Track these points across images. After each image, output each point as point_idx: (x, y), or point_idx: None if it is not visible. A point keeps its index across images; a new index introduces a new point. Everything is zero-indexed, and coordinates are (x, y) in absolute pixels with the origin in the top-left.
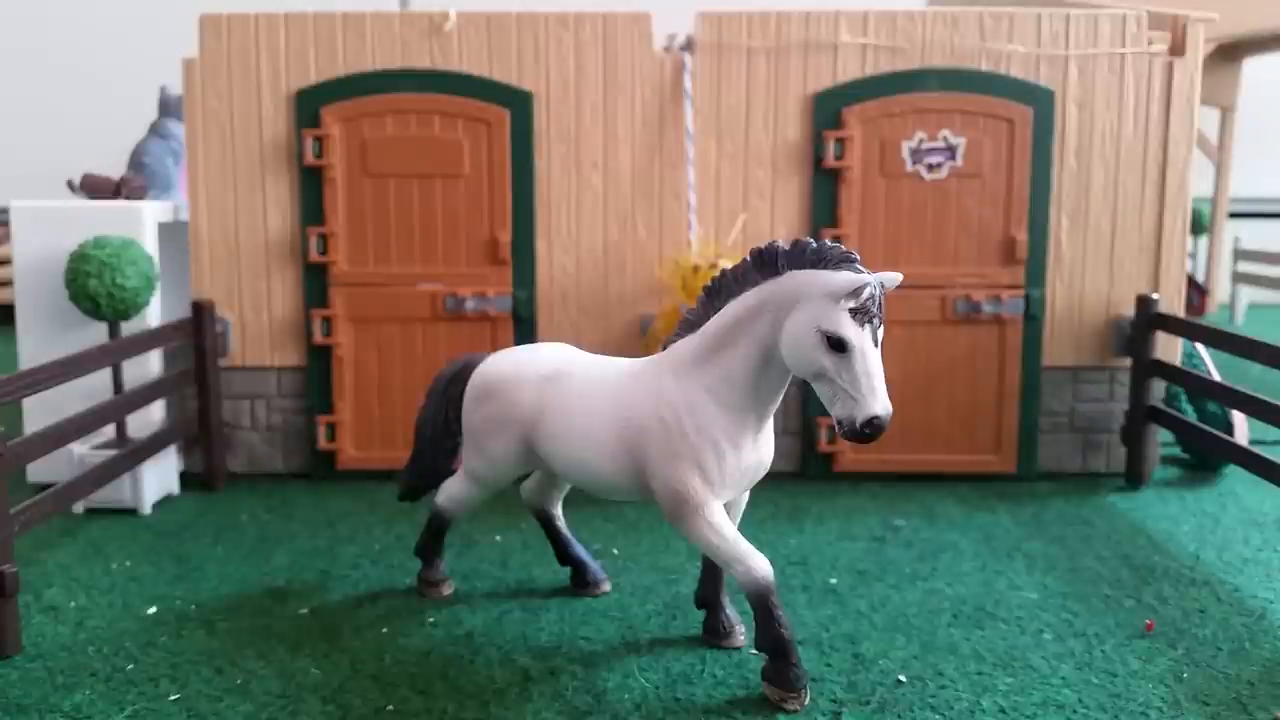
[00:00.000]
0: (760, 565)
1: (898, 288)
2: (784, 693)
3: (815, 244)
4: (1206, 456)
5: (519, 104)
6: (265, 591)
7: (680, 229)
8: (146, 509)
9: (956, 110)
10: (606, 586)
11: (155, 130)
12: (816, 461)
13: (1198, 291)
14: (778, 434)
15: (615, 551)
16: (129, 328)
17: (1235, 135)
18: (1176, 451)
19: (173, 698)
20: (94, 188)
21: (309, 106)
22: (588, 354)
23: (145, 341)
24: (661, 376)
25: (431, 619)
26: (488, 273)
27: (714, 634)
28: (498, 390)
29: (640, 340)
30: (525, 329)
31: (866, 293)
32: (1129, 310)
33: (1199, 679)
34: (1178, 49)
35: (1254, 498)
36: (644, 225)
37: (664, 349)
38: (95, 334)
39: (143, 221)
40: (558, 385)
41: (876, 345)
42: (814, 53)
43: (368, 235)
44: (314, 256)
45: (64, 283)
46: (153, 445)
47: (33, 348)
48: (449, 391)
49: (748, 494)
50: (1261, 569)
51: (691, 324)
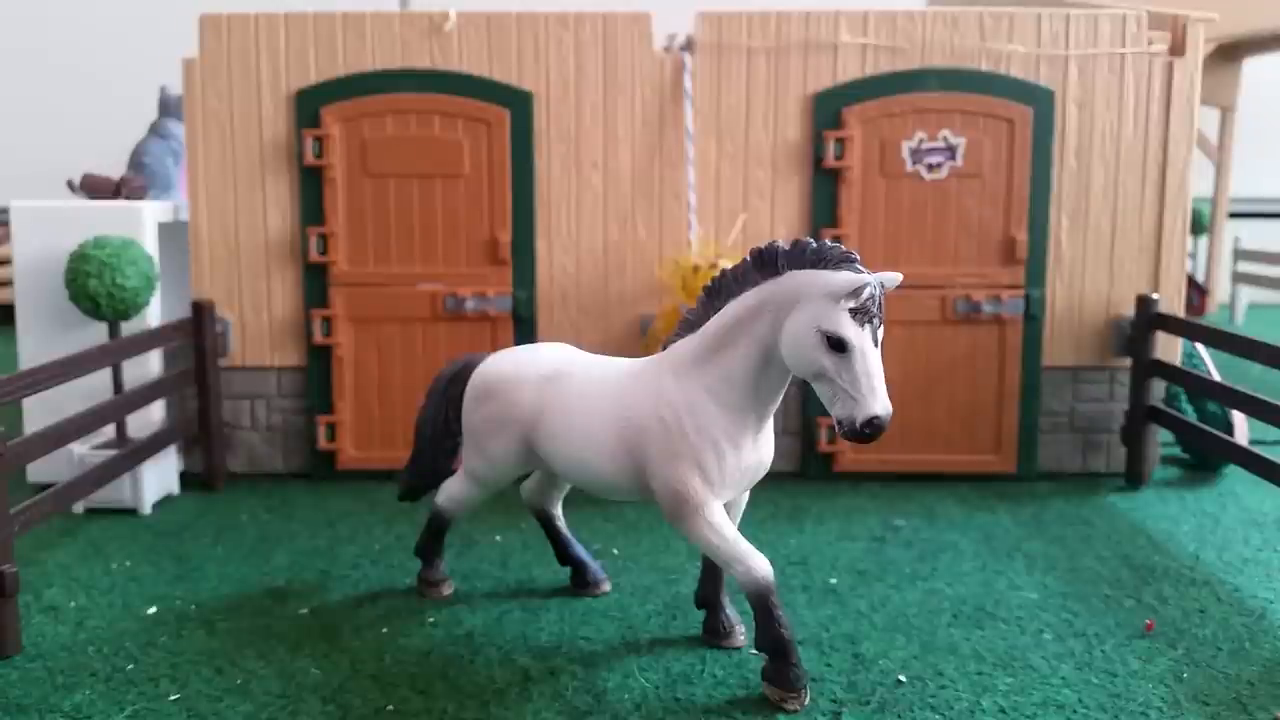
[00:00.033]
0: (760, 565)
1: (898, 288)
2: (784, 693)
3: (815, 244)
4: (1206, 456)
5: (519, 104)
6: (265, 591)
7: (680, 229)
8: (146, 509)
9: (956, 110)
10: (606, 586)
11: (155, 130)
12: (816, 461)
13: (1198, 291)
14: (778, 434)
15: (615, 551)
16: (129, 328)
17: (1235, 135)
18: (1176, 451)
19: (173, 698)
20: (94, 188)
21: (309, 106)
22: (588, 354)
23: (145, 341)
24: (661, 376)
25: (431, 619)
26: (488, 273)
27: (714, 634)
28: (498, 390)
29: (640, 340)
30: (525, 329)
31: (866, 293)
32: (1129, 310)
33: (1199, 679)
34: (1178, 49)
35: (1254, 498)
36: (644, 225)
37: (664, 349)
38: (95, 334)
39: (143, 221)
40: (558, 385)
41: (876, 345)
42: (814, 53)
43: (368, 235)
44: (314, 256)
45: (64, 283)
46: (153, 445)
47: (33, 348)
48: (449, 391)
49: (748, 494)
50: (1261, 569)
51: (691, 324)
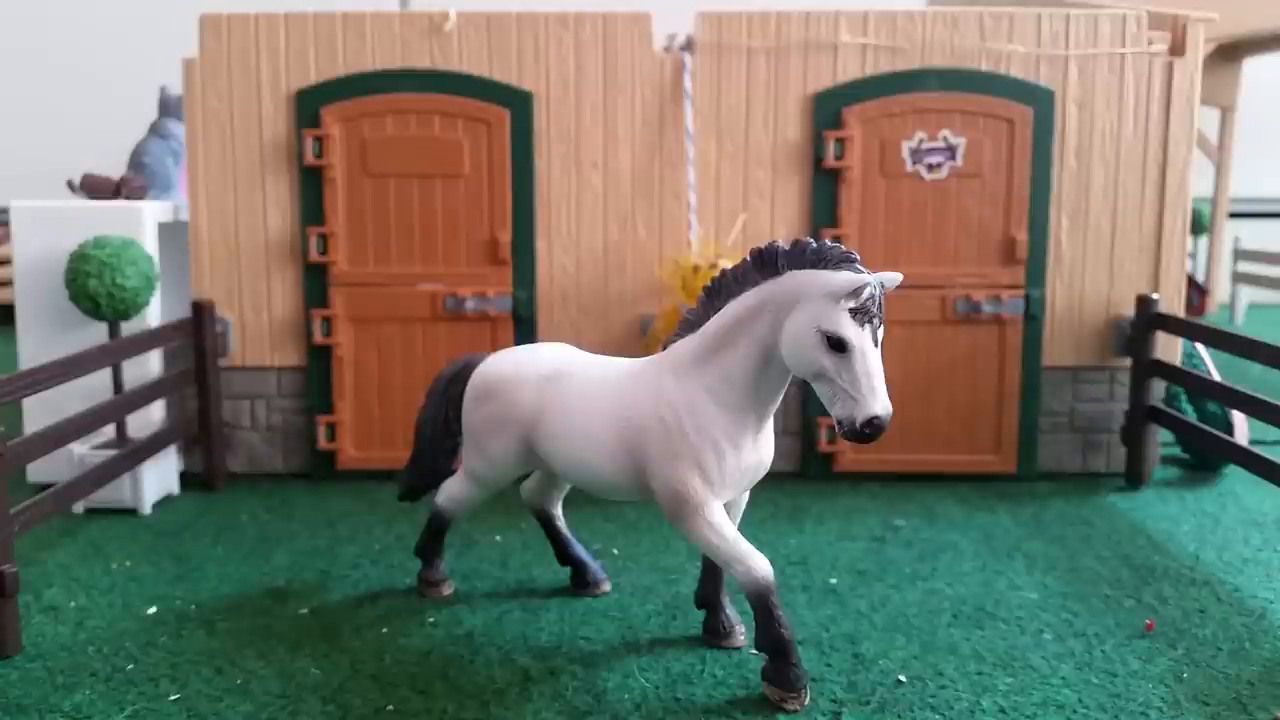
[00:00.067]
0: (760, 565)
1: (898, 288)
2: (784, 693)
3: (815, 244)
4: (1206, 456)
5: (519, 104)
6: (265, 591)
7: (680, 229)
8: (146, 509)
9: (956, 110)
10: (606, 586)
11: (155, 130)
12: (816, 461)
13: (1198, 291)
14: (778, 434)
15: (615, 551)
16: (129, 328)
17: (1235, 135)
18: (1176, 451)
19: (173, 698)
20: (94, 188)
21: (309, 106)
22: (588, 354)
23: (145, 341)
24: (661, 376)
25: (431, 619)
26: (488, 273)
27: (714, 634)
28: (498, 390)
29: (640, 340)
30: (525, 329)
31: (866, 293)
32: (1129, 310)
33: (1199, 679)
34: (1178, 49)
35: (1254, 498)
36: (644, 225)
37: (664, 349)
38: (95, 334)
39: (143, 221)
40: (558, 385)
41: (876, 345)
42: (814, 53)
43: (368, 235)
44: (314, 256)
45: (64, 283)
46: (153, 445)
47: (33, 348)
48: (449, 391)
49: (748, 494)
50: (1261, 569)
51: (691, 324)
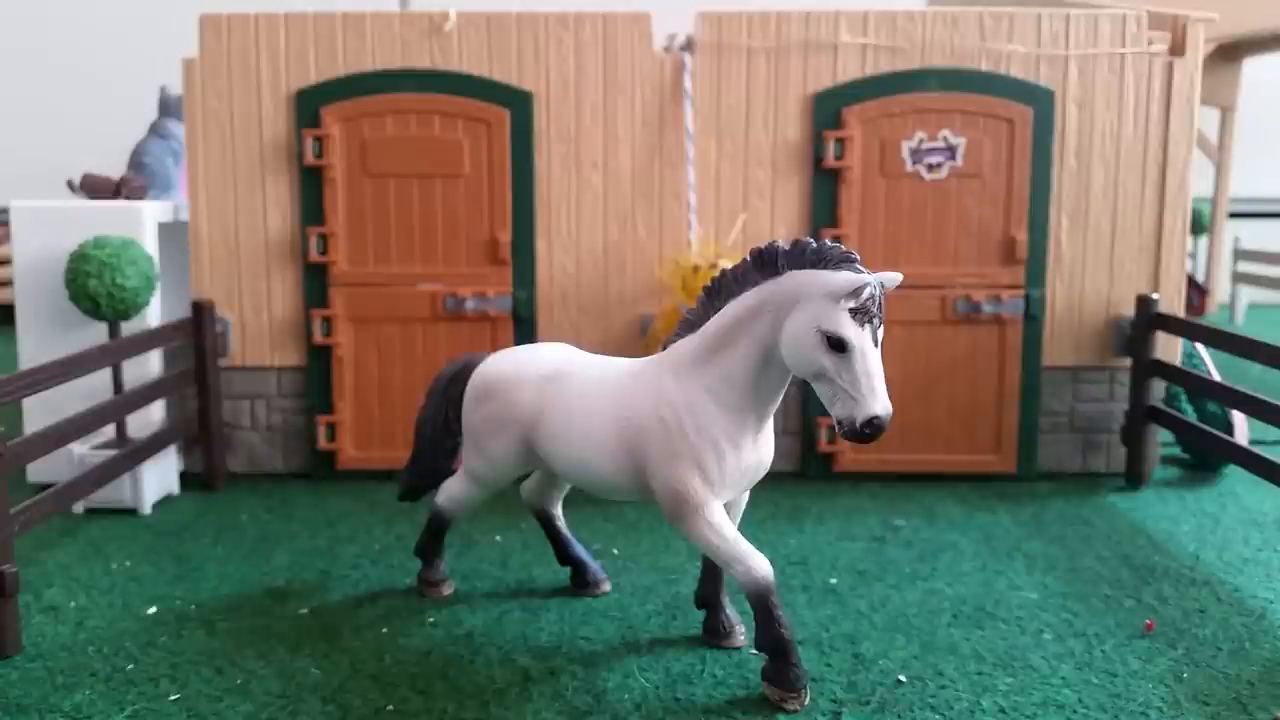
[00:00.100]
0: (760, 565)
1: (898, 288)
2: (784, 693)
3: (815, 244)
4: (1206, 456)
5: (519, 104)
6: (265, 591)
7: (680, 229)
8: (146, 509)
9: (956, 110)
10: (606, 586)
11: (155, 130)
12: (816, 461)
13: (1198, 291)
14: (778, 434)
15: (615, 551)
16: (129, 328)
17: (1235, 135)
18: (1176, 451)
19: (173, 698)
20: (94, 188)
21: (309, 106)
22: (588, 354)
23: (145, 341)
24: (661, 376)
25: (431, 619)
26: (488, 273)
27: (714, 634)
28: (498, 390)
29: (640, 340)
30: (525, 329)
31: (866, 293)
32: (1129, 310)
33: (1199, 679)
34: (1178, 49)
35: (1254, 498)
36: (644, 225)
37: (664, 349)
38: (95, 334)
39: (143, 221)
40: (558, 385)
41: (876, 345)
42: (814, 53)
43: (368, 235)
44: (314, 256)
45: (64, 283)
46: (153, 445)
47: (33, 348)
48: (449, 391)
49: (748, 494)
50: (1261, 569)
51: (691, 324)
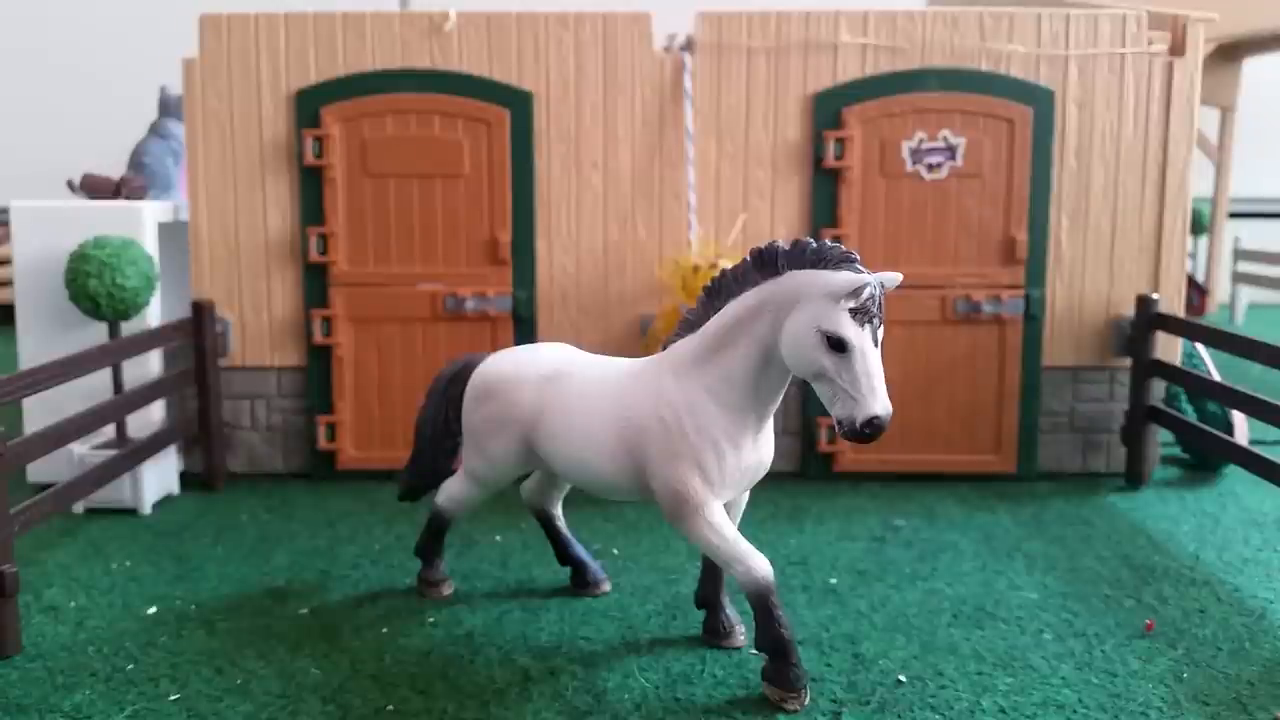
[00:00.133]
0: (760, 565)
1: (898, 288)
2: (784, 693)
3: (815, 244)
4: (1206, 456)
5: (519, 104)
6: (265, 591)
7: (680, 229)
8: (146, 509)
9: (956, 110)
10: (606, 586)
11: (155, 130)
12: (816, 461)
13: (1198, 291)
14: (778, 434)
15: (615, 551)
16: (129, 328)
17: (1235, 135)
18: (1176, 451)
19: (173, 698)
20: (94, 188)
21: (309, 106)
22: (588, 354)
23: (145, 341)
24: (661, 376)
25: (431, 619)
26: (488, 273)
27: (714, 634)
28: (498, 390)
29: (640, 340)
30: (525, 329)
31: (866, 293)
32: (1129, 310)
33: (1199, 679)
34: (1178, 49)
35: (1254, 498)
36: (644, 225)
37: (664, 349)
38: (95, 334)
39: (143, 221)
40: (558, 385)
41: (876, 345)
42: (814, 53)
43: (368, 235)
44: (314, 256)
45: (64, 283)
46: (153, 445)
47: (33, 348)
48: (449, 391)
49: (748, 494)
50: (1261, 569)
51: (691, 324)
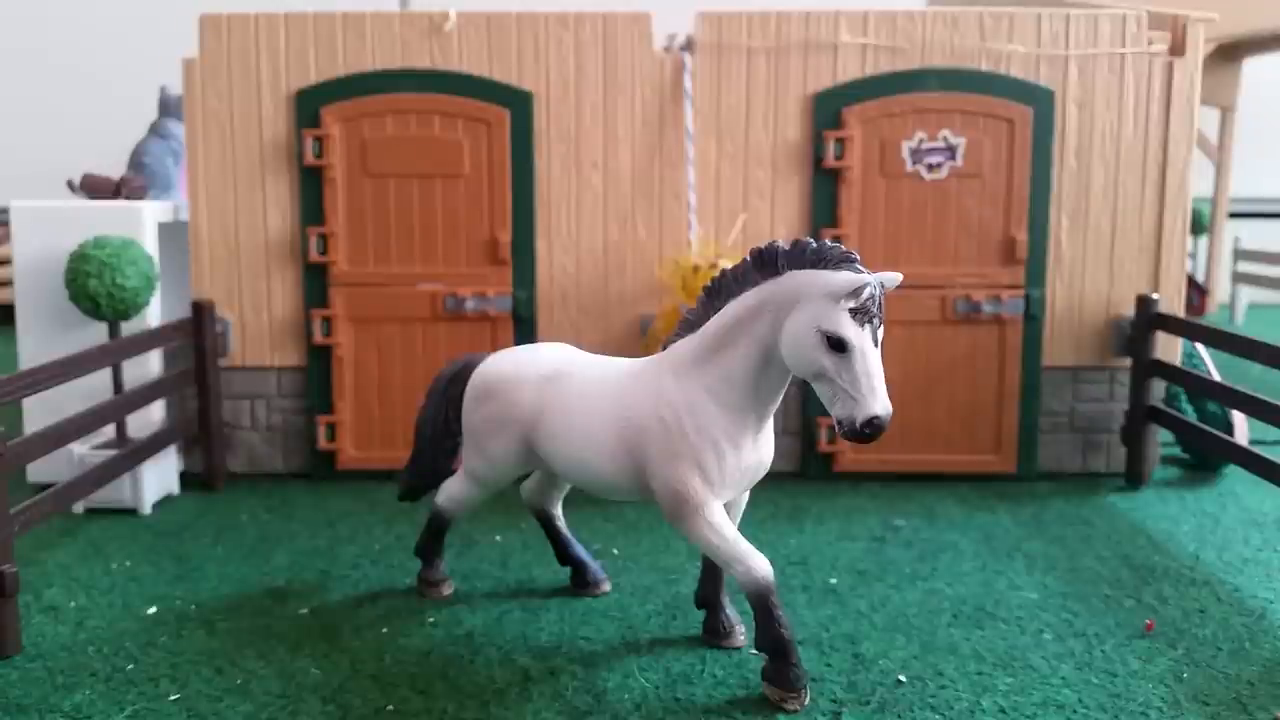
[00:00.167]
0: (760, 565)
1: (898, 288)
2: (784, 693)
3: (815, 244)
4: (1206, 456)
5: (519, 104)
6: (265, 591)
7: (680, 229)
8: (146, 509)
9: (956, 110)
10: (606, 586)
11: (155, 130)
12: (816, 461)
13: (1198, 291)
14: (778, 434)
15: (615, 551)
16: (129, 328)
17: (1235, 135)
18: (1176, 451)
19: (173, 698)
20: (94, 188)
21: (309, 106)
22: (588, 354)
23: (145, 341)
24: (661, 376)
25: (431, 619)
26: (488, 273)
27: (714, 634)
28: (498, 390)
29: (640, 340)
30: (525, 329)
31: (866, 293)
32: (1129, 310)
33: (1199, 679)
34: (1178, 49)
35: (1254, 498)
36: (644, 225)
37: (664, 349)
38: (95, 334)
39: (143, 221)
40: (558, 385)
41: (876, 345)
42: (814, 53)
43: (368, 235)
44: (314, 256)
45: (64, 283)
46: (153, 445)
47: (33, 348)
48: (449, 391)
49: (748, 494)
50: (1261, 569)
51: (691, 324)
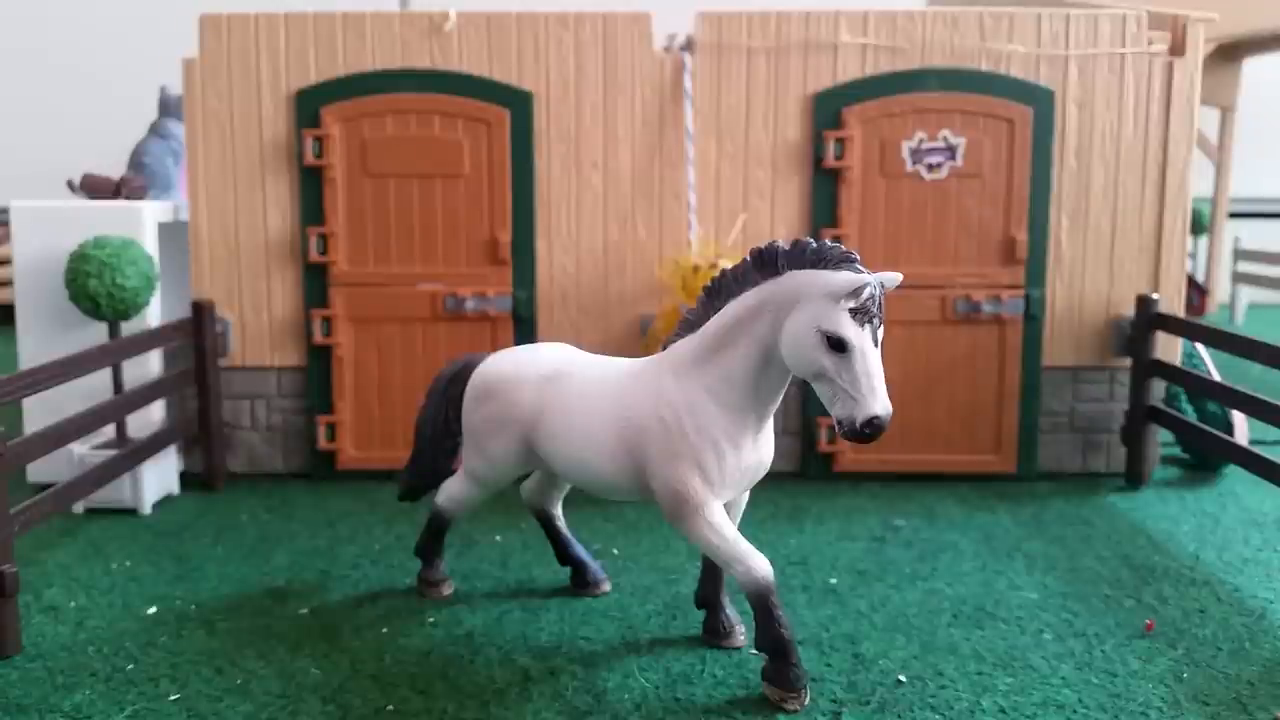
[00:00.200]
0: (760, 565)
1: (898, 288)
2: (784, 693)
3: (815, 244)
4: (1206, 456)
5: (519, 104)
6: (265, 591)
7: (680, 229)
8: (146, 509)
9: (956, 110)
10: (606, 586)
11: (155, 130)
12: (816, 461)
13: (1198, 291)
14: (778, 434)
15: (615, 551)
16: (129, 328)
17: (1235, 135)
18: (1176, 451)
19: (173, 698)
20: (94, 188)
21: (309, 106)
22: (588, 354)
23: (145, 341)
24: (661, 376)
25: (431, 619)
26: (488, 273)
27: (714, 634)
28: (498, 390)
29: (640, 340)
30: (525, 329)
31: (866, 293)
32: (1129, 310)
33: (1199, 679)
34: (1178, 49)
35: (1254, 498)
36: (644, 225)
37: (664, 349)
38: (95, 334)
39: (143, 221)
40: (558, 385)
41: (876, 345)
42: (814, 53)
43: (368, 235)
44: (314, 256)
45: (64, 283)
46: (153, 445)
47: (33, 348)
48: (449, 391)
49: (748, 494)
50: (1261, 569)
51: (691, 324)
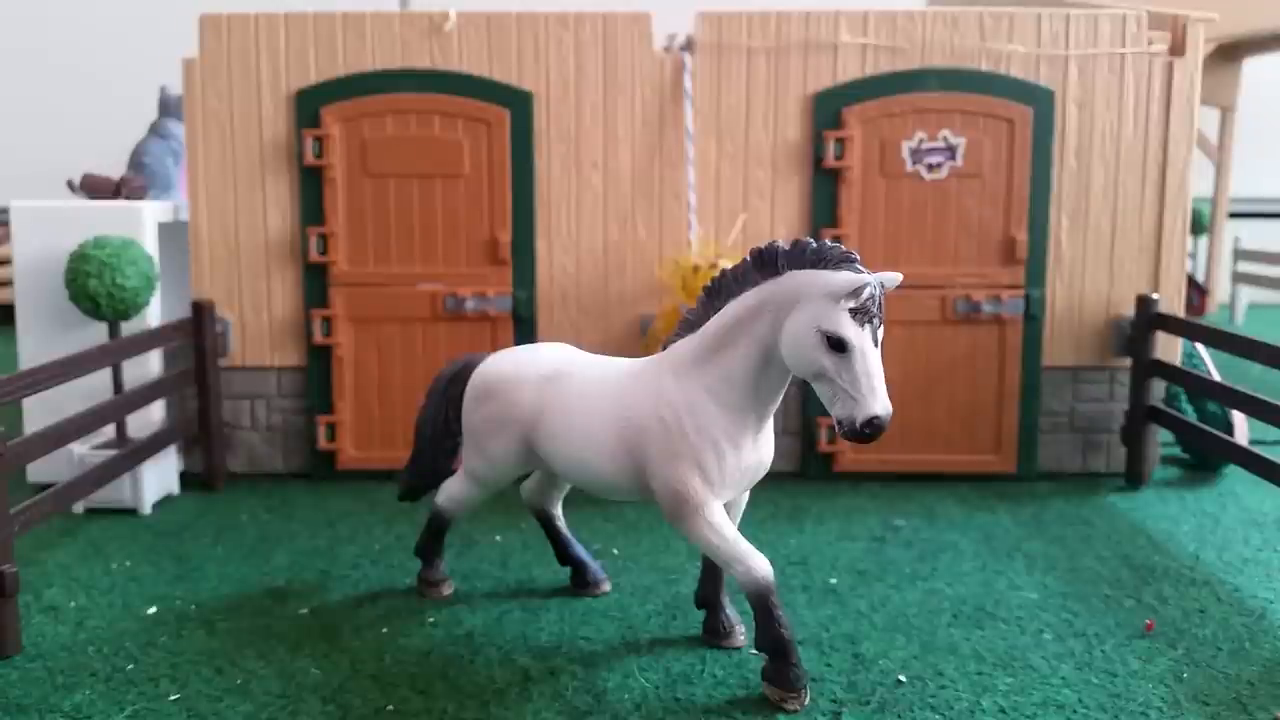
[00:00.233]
0: (760, 565)
1: (898, 288)
2: (784, 693)
3: (815, 244)
4: (1206, 456)
5: (519, 104)
6: (265, 591)
7: (680, 229)
8: (146, 509)
9: (956, 110)
10: (606, 586)
11: (155, 130)
12: (816, 461)
13: (1198, 291)
14: (778, 434)
15: (615, 551)
16: (129, 328)
17: (1235, 135)
18: (1176, 451)
19: (173, 698)
20: (94, 188)
21: (309, 106)
22: (588, 354)
23: (145, 341)
24: (661, 376)
25: (431, 619)
26: (488, 273)
27: (714, 634)
28: (498, 390)
29: (640, 340)
30: (525, 329)
31: (866, 293)
32: (1129, 310)
33: (1199, 679)
34: (1178, 49)
35: (1254, 498)
36: (644, 225)
37: (664, 349)
38: (95, 334)
39: (143, 221)
40: (558, 385)
41: (876, 345)
42: (814, 53)
43: (368, 235)
44: (314, 256)
45: (64, 283)
46: (153, 445)
47: (33, 348)
48: (449, 391)
49: (748, 494)
50: (1261, 569)
51: (691, 324)
